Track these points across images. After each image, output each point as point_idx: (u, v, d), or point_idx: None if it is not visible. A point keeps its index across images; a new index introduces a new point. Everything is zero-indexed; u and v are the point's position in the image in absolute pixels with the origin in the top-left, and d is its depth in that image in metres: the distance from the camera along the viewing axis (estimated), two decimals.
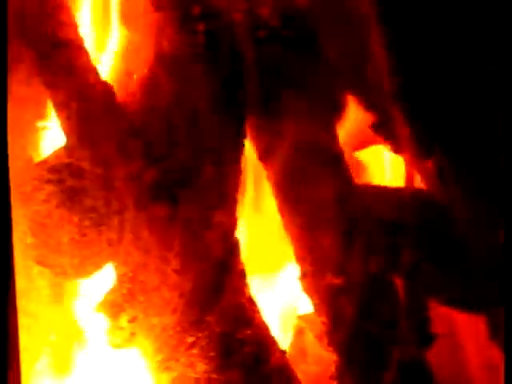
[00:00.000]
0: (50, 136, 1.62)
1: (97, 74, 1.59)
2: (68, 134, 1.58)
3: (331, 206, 1.66)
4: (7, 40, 1.46)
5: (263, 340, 1.64)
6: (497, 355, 1.71)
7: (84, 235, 1.58)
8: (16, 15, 1.55)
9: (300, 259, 1.67)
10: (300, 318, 1.77)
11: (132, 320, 1.59)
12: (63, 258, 1.58)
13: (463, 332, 1.80)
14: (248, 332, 1.63)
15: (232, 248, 1.63)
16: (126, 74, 1.64)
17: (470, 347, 1.80)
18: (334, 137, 1.69)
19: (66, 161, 1.57)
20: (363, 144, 1.78)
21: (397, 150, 1.72)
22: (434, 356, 1.71)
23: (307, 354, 1.76)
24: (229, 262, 1.62)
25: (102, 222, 1.58)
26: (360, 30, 1.68)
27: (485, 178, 1.67)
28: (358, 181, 1.73)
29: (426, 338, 1.69)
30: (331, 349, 1.66)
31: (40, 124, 1.61)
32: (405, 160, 1.72)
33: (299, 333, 1.77)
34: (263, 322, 1.65)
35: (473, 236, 1.69)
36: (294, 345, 1.77)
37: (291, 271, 1.72)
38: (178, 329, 1.59)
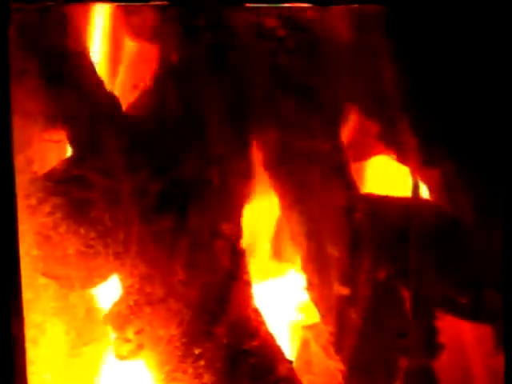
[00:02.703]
0: (55, 148, 1.62)
1: (103, 85, 1.60)
2: (74, 146, 1.58)
3: (338, 216, 1.66)
4: (9, 52, 1.46)
5: (269, 351, 1.64)
6: (503, 364, 1.71)
7: (90, 247, 1.58)
8: (20, 27, 1.55)
9: (307, 269, 1.67)
10: (305, 328, 1.77)
11: (138, 332, 1.59)
12: (69, 269, 1.58)
13: (469, 341, 1.79)
14: (254, 343, 1.63)
15: (238, 259, 1.63)
16: (133, 85, 1.64)
17: (476, 356, 1.79)
18: (339, 146, 1.70)
19: (72, 173, 1.57)
20: (368, 154, 1.78)
21: (402, 159, 1.72)
22: (441, 365, 1.71)
23: (313, 364, 1.76)
24: (235, 273, 1.62)
25: (108, 234, 1.58)
26: (366, 40, 1.69)
27: (492, 186, 1.67)
28: (364, 190, 1.74)
29: (433, 348, 1.69)
30: (338, 358, 1.66)
31: (46, 136, 1.61)
32: (410, 169, 1.72)
33: (305, 344, 1.77)
34: (269, 333, 1.65)
35: (480, 245, 1.69)
36: (299, 356, 1.77)
37: (298, 281, 1.72)
38: (184, 340, 1.59)
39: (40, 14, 1.57)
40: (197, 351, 1.59)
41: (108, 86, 1.61)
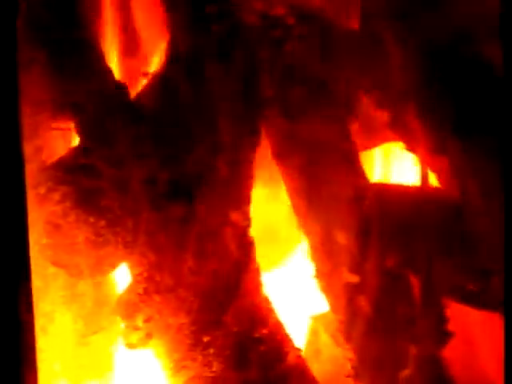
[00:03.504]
0: (64, 136, 1.62)
1: (111, 73, 1.59)
2: (83, 135, 1.58)
3: (347, 204, 1.66)
4: (17, 41, 1.46)
5: (279, 339, 1.65)
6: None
7: (99, 235, 1.57)
8: (29, 16, 1.55)
9: (316, 257, 1.67)
10: (314, 318, 1.77)
11: (148, 320, 1.59)
12: (78, 258, 1.58)
13: (478, 329, 1.79)
14: (264, 331, 1.63)
15: (247, 247, 1.63)
16: (142, 73, 1.64)
17: (484, 344, 1.79)
18: (348, 134, 1.70)
19: (81, 162, 1.57)
20: (377, 142, 1.78)
21: (411, 147, 1.72)
22: (449, 353, 1.71)
23: (322, 353, 1.76)
24: (244, 261, 1.63)
25: (118, 223, 1.58)
26: (375, 27, 1.69)
27: (501, 173, 1.67)
28: (373, 178, 1.74)
29: (442, 336, 1.69)
30: (348, 347, 1.66)
31: (54, 125, 1.61)
32: (419, 157, 1.72)
33: (314, 333, 1.77)
34: (278, 321, 1.65)
35: (488, 232, 1.68)
36: (308, 345, 1.77)
37: (307, 270, 1.72)
38: (194, 328, 1.59)
39: (48, 3, 1.57)
40: (206, 339, 1.60)
41: (116, 75, 1.61)
